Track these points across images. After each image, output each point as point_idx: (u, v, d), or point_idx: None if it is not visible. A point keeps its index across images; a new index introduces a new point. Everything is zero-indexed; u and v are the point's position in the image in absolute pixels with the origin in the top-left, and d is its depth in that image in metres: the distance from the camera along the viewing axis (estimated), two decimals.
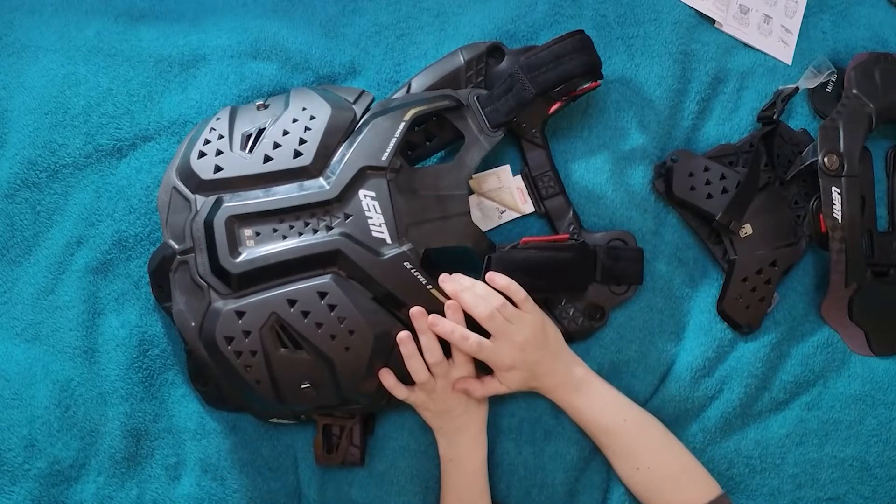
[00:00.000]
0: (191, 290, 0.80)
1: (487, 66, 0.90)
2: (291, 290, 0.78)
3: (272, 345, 0.78)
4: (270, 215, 0.79)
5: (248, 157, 0.81)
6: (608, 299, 0.90)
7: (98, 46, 0.92)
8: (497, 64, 0.90)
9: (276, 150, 0.80)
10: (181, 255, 0.80)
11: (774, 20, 1.02)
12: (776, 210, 0.94)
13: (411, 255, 0.79)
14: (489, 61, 0.90)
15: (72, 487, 0.83)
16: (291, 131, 0.81)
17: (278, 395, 0.79)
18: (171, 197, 0.82)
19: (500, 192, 0.93)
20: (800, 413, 0.94)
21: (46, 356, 0.85)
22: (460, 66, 0.89)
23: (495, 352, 0.80)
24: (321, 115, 0.82)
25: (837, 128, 0.92)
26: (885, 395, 0.95)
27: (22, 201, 0.88)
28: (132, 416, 0.84)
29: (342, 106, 0.83)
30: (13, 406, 0.83)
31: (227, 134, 0.82)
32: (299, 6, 0.96)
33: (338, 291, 0.78)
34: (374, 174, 0.80)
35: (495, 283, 0.81)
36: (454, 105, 0.85)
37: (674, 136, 0.97)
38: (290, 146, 0.80)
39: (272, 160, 0.80)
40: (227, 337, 0.77)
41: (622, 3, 0.98)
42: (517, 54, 0.90)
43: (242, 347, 0.77)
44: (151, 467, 0.85)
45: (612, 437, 0.84)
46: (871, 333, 0.96)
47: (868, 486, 0.94)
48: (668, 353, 0.92)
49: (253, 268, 0.78)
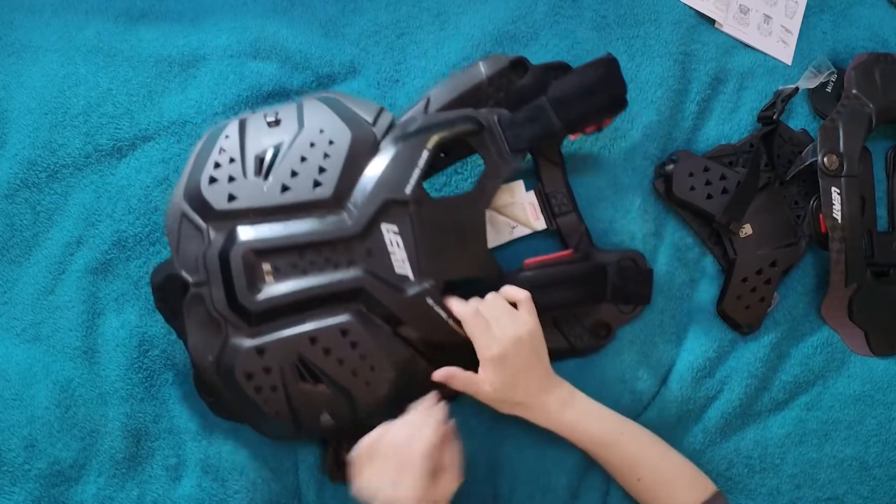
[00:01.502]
0: (206, 324, 0.77)
1: (509, 81, 0.85)
2: (313, 327, 0.76)
3: (293, 380, 0.77)
4: (290, 250, 0.76)
5: (263, 185, 0.77)
6: (615, 317, 0.90)
7: (98, 46, 0.91)
8: (519, 79, 0.85)
9: (294, 178, 0.77)
10: (195, 288, 0.77)
11: (774, 20, 1.02)
12: (776, 210, 0.94)
13: (433, 290, 0.77)
14: (511, 76, 0.85)
15: (72, 488, 0.83)
16: (309, 157, 0.78)
17: (296, 426, 0.79)
18: (181, 224, 0.79)
19: (513, 208, 0.91)
20: (799, 413, 0.94)
21: (46, 356, 0.85)
22: (482, 80, 0.84)
23: (486, 335, 0.77)
24: (341, 141, 0.78)
25: (837, 128, 0.92)
26: (885, 395, 0.95)
27: (22, 201, 0.88)
28: (132, 417, 0.84)
29: (361, 128, 0.80)
30: (13, 406, 0.83)
31: (238, 156, 0.78)
32: (299, 6, 0.96)
33: (360, 329, 0.76)
34: (396, 207, 0.77)
35: (507, 295, 0.80)
36: (476, 129, 0.82)
37: (674, 136, 0.97)
38: (308, 175, 0.77)
39: (290, 190, 0.77)
40: (247, 373, 0.76)
41: (622, 4, 0.99)
42: (541, 70, 0.86)
43: (263, 383, 0.76)
44: (152, 468, 0.85)
45: (611, 450, 0.82)
46: (871, 333, 0.96)
47: (867, 486, 0.94)
48: (669, 354, 0.92)
49: (273, 306, 0.76)
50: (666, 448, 0.84)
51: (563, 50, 0.96)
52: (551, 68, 0.86)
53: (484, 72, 0.84)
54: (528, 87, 0.85)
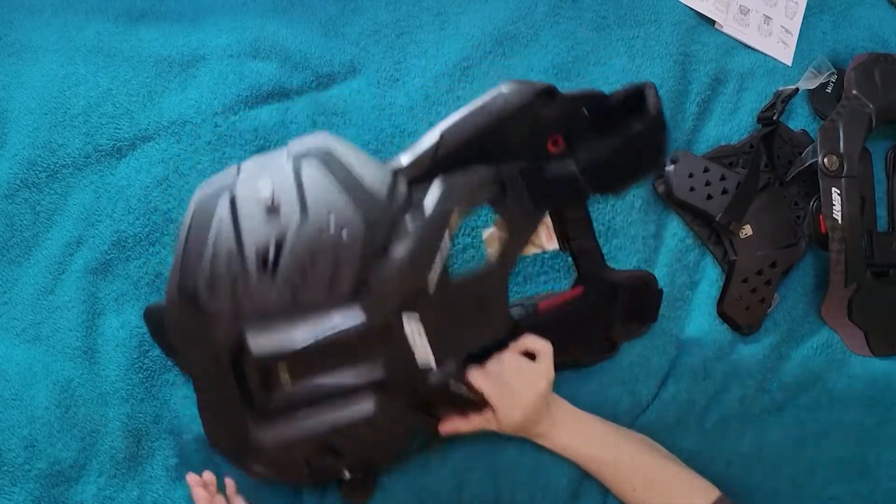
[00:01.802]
0: (220, 412, 0.75)
1: (534, 113, 0.74)
2: (336, 417, 0.73)
3: (315, 457, 0.76)
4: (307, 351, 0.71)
5: (270, 286, 0.69)
6: (622, 335, 0.90)
7: (98, 47, 0.91)
8: (545, 108, 0.74)
9: (305, 278, 0.69)
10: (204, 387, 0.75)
11: (774, 21, 1.02)
12: (776, 211, 0.94)
13: (455, 373, 0.75)
14: (537, 105, 0.74)
15: (72, 488, 0.83)
16: (320, 255, 0.69)
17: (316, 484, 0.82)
18: (181, 324, 0.72)
19: None
20: (798, 414, 0.94)
21: (46, 356, 0.85)
22: (504, 114, 0.73)
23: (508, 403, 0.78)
24: (354, 231, 0.69)
25: (837, 128, 0.92)
26: (884, 395, 0.95)
27: (22, 201, 0.88)
28: (133, 417, 0.84)
29: (375, 208, 0.70)
30: (13, 406, 0.82)
31: (236, 249, 0.70)
32: (299, 6, 0.96)
33: (382, 414, 0.74)
34: (418, 296, 0.72)
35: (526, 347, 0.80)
36: (499, 195, 0.75)
37: (674, 136, 0.97)
38: (321, 275, 0.69)
39: (301, 290, 0.70)
40: (272, 463, 0.76)
41: (622, 4, 0.99)
42: (570, 100, 0.76)
43: (288, 469, 0.77)
44: (152, 468, 0.84)
45: (605, 466, 0.83)
46: (871, 334, 0.96)
47: (866, 487, 0.94)
48: (669, 355, 0.92)
49: (292, 403, 0.73)
50: (663, 456, 0.84)
51: (563, 50, 0.96)
52: (582, 98, 0.77)
53: (506, 104, 0.73)
54: (556, 119, 0.76)
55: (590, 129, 0.77)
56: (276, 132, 0.90)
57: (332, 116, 0.92)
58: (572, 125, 0.76)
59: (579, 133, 0.78)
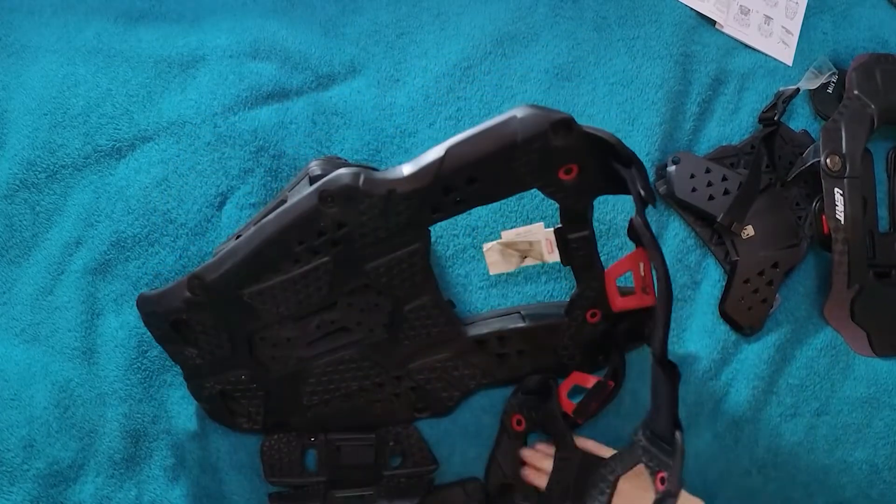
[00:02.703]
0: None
1: (545, 142, 0.69)
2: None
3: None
4: None
5: None
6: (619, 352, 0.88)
7: (97, 47, 0.91)
8: (558, 139, 0.69)
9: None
10: None
11: (775, 21, 1.02)
12: (778, 211, 0.94)
13: None
14: (550, 136, 0.68)
15: (70, 488, 0.82)
16: None
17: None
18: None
19: (527, 238, 0.85)
20: (810, 420, 0.93)
21: (45, 357, 0.85)
22: (514, 141, 0.68)
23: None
24: None
25: (839, 129, 0.92)
26: (890, 397, 0.95)
27: (21, 202, 0.88)
28: (131, 417, 0.84)
29: None
30: (12, 406, 0.82)
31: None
32: (299, 6, 0.96)
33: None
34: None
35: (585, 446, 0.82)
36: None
37: (675, 137, 0.97)
38: None
39: None
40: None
41: (623, 5, 0.98)
42: (585, 137, 0.70)
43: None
44: (150, 468, 0.84)
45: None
46: (873, 334, 0.95)
47: (877, 489, 0.93)
48: (672, 356, 0.92)
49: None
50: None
51: (563, 50, 0.96)
52: (600, 145, 0.70)
53: (518, 131, 0.68)
54: (570, 151, 0.70)
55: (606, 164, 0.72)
56: (275, 133, 0.90)
57: (332, 117, 0.92)
58: (586, 160, 0.72)
59: (594, 169, 0.73)
